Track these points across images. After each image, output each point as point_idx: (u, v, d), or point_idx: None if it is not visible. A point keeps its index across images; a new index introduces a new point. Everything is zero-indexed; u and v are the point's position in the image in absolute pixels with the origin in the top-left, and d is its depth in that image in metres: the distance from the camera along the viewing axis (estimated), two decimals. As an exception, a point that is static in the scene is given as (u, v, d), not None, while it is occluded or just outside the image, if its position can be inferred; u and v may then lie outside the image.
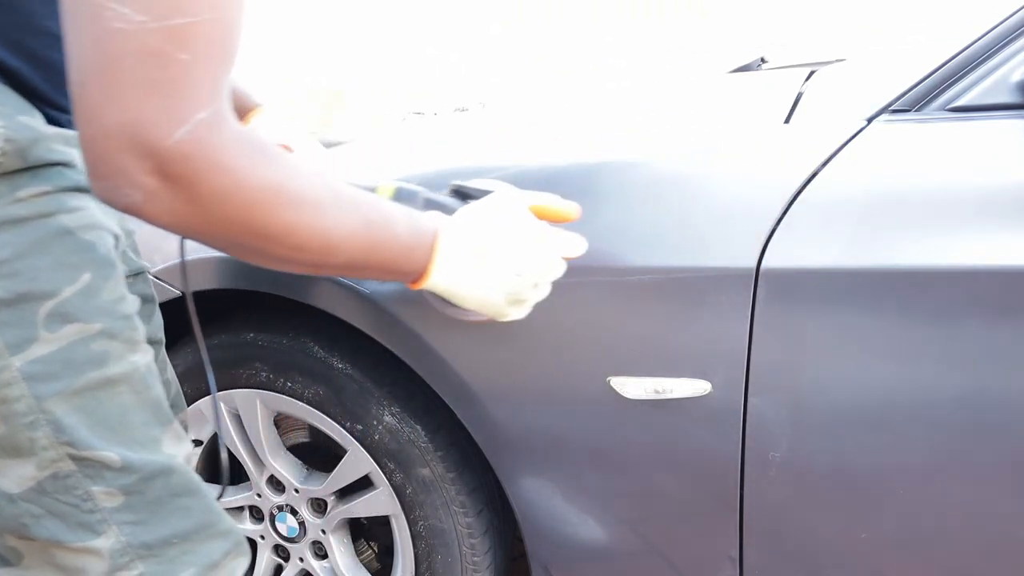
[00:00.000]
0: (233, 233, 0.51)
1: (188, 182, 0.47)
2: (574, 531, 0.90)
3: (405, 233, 0.60)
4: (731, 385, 0.77)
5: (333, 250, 0.55)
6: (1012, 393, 0.71)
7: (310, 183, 0.53)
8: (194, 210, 0.48)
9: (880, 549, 0.78)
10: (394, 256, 0.60)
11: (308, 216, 0.53)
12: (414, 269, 0.62)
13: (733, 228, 0.77)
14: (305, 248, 0.54)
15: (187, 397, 1.07)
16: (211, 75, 0.47)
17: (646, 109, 1.06)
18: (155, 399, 0.63)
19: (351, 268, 0.60)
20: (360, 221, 0.57)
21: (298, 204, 0.52)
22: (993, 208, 0.71)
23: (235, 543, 0.67)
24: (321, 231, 0.54)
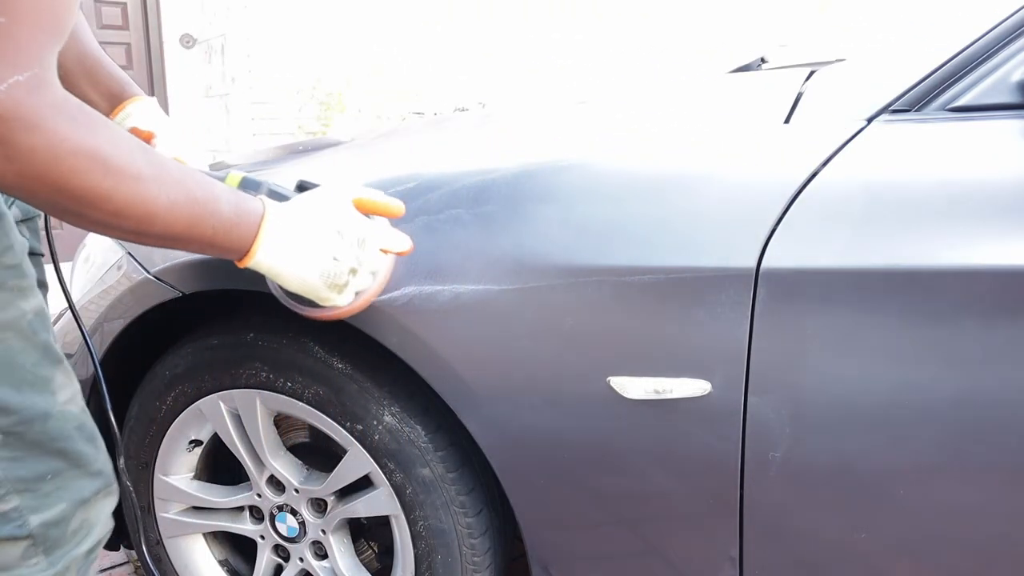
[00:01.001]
0: (49, 192, 0.53)
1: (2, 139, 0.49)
2: (574, 531, 0.90)
3: (228, 211, 0.65)
4: (731, 385, 0.77)
5: (151, 219, 0.58)
6: (1012, 393, 0.71)
7: (131, 154, 0.56)
8: (9, 167, 0.50)
9: (880, 549, 0.78)
10: (215, 231, 0.64)
11: (127, 184, 0.55)
12: (237, 247, 0.68)
13: (733, 228, 0.77)
14: (123, 215, 0.56)
15: (187, 397, 1.08)
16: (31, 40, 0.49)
17: (646, 109, 1.06)
18: (44, 342, 0.67)
19: (173, 239, 0.63)
20: (182, 195, 0.60)
21: (117, 171, 0.55)
22: (993, 208, 0.71)
23: (105, 483, 0.75)
24: (140, 200, 0.57)
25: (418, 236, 0.88)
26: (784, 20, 6.17)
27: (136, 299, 1.05)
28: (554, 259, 0.81)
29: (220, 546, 1.25)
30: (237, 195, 0.67)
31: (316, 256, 0.72)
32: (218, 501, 1.15)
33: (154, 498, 1.17)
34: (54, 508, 0.69)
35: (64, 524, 0.70)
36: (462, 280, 0.85)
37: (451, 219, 0.87)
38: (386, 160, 1.00)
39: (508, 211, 0.85)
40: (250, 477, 1.11)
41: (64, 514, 0.70)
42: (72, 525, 0.71)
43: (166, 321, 1.16)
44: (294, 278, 0.72)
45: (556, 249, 0.82)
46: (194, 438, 1.13)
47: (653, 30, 6.08)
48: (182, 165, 0.62)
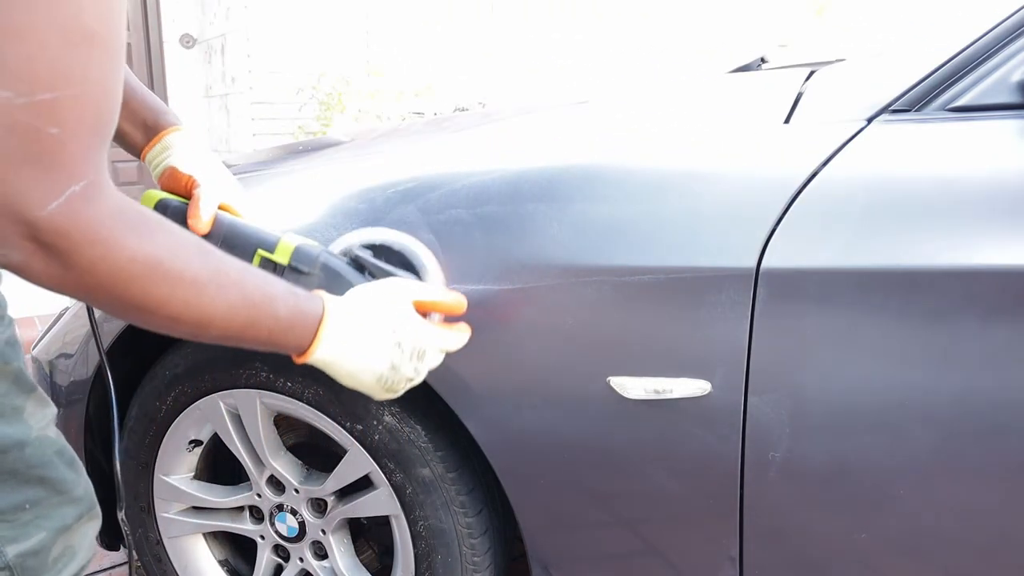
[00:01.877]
0: (108, 301, 0.53)
1: (62, 252, 0.48)
2: (574, 531, 0.90)
3: (286, 314, 0.64)
4: (731, 385, 0.77)
5: (208, 323, 0.58)
6: (1012, 393, 0.71)
7: (189, 259, 0.56)
8: (70, 277, 0.50)
9: (880, 549, 0.78)
10: (272, 334, 0.64)
11: (183, 292, 0.55)
12: (295, 347, 0.67)
13: (733, 228, 0.77)
14: (180, 320, 0.56)
15: (187, 397, 1.08)
16: (83, 147, 0.48)
17: (646, 109, 1.06)
18: (16, 371, 0.66)
19: (229, 339, 0.62)
20: (239, 298, 0.60)
21: (174, 280, 0.54)
22: (993, 208, 0.71)
23: (87, 507, 0.73)
24: (196, 307, 0.57)
25: (418, 236, 0.88)
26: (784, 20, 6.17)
27: (136, 299, 1.05)
28: (554, 259, 0.81)
29: (220, 546, 1.25)
30: (295, 296, 0.66)
31: (375, 365, 0.72)
32: (218, 501, 1.15)
33: (154, 498, 1.17)
34: (33, 538, 0.67)
35: (44, 553, 0.68)
36: (462, 280, 0.85)
37: (451, 219, 0.87)
38: (386, 160, 1.00)
39: (508, 211, 0.85)
40: (250, 477, 1.11)
41: (44, 543, 0.68)
42: (53, 553, 0.69)
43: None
44: (349, 380, 0.72)
45: (556, 249, 0.82)
46: (194, 438, 1.13)
47: (653, 30, 6.08)
48: (240, 265, 0.62)
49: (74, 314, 1.17)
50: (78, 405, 1.15)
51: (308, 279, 0.78)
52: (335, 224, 0.92)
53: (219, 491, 1.16)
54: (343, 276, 0.78)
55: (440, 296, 0.78)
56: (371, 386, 0.73)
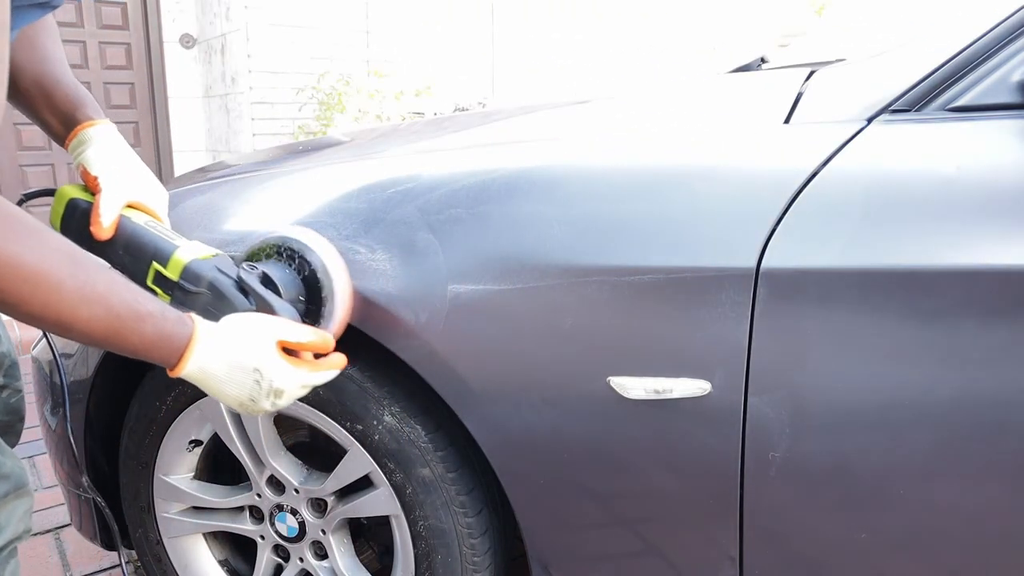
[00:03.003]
0: None
1: None
2: (574, 531, 0.90)
3: (152, 333, 0.67)
4: (731, 385, 0.77)
5: (68, 327, 0.60)
6: (1012, 393, 0.71)
7: (53, 265, 0.58)
8: None
9: (880, 549, 0.78)
10: (137, 349, 0.67)
11: (43, 295, 0.57)
12: (163, 360, 0.70)
13: (733, 228, 0.77)
14: (40, 319, 0.59)
15: (187, 397, 1.08)
16: None
17: (646, 109, 1.06)
18: None
19: (93, 344, 0.65)
20: (103, 311, 0.62)
21: (35, 283, 0.56)
22: (993, 208, 0.71)
23: (15, 486, 0.75)
24: (55, 311, 0.59)
25: (418, 236, 0.88)
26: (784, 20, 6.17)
27: (136, 299, 1.05)
28: (554, 259, 0.81)
29: (220, 546, 1.25)
30: (165, 319, 0.68)
31: (235, 392, 0.75)
32: (218, 501, 1.15)
33: (154, 498, 1.17)
34: None
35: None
36: (462, 280, 0.85)
37: (451, 219, 0.87)
38: (386, 160, 1.00)
39: (508, 211, 0.85)
40: (250, 477, 1.11)
41: None
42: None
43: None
44: (217, 396, 0.76)
45: (556, 249, 0.82)
46: (194, 438, 1.13)
47: (653, 30, 6.08)
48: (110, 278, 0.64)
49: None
50: (78, 405, 1.15)
51: (195, 297, 0.81)
52: (335, 224, 0.92)
53: (219, 491, 1.16)
54: (227, 299, 0.81)
55: (306, 338, 0.80)
56: (234, 406, 0.77)
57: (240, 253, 0.90)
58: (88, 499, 1.22)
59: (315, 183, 1.00)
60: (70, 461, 1.21)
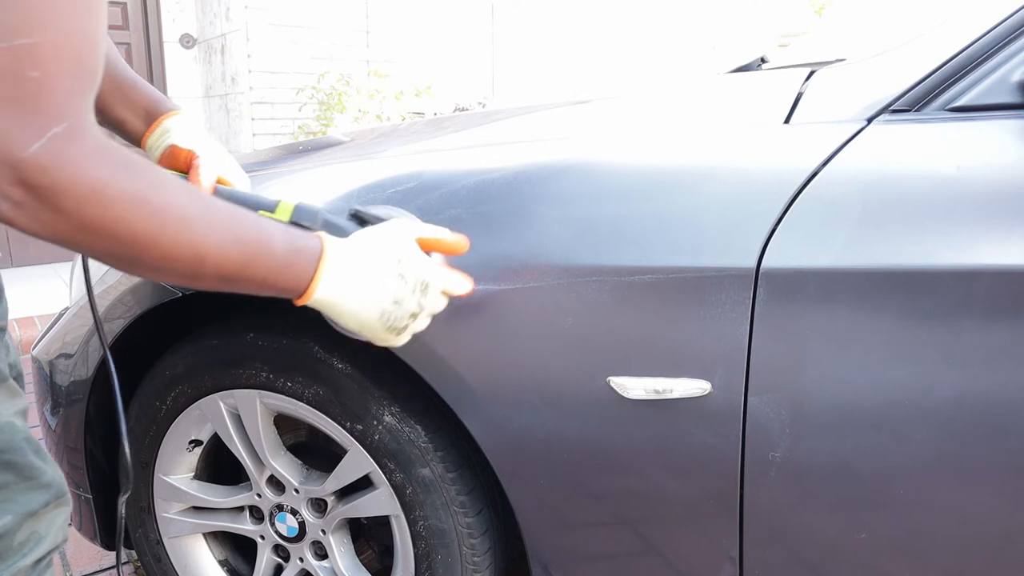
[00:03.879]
0: (100, 242, 0.53)
1: (49, 192, 0.49)
2: (574, 531, 0.90)
3: (282, 251, 0.64)
4: (731, 385, 0.77)
5: (201, 261, 0.58)
6: (1012, 393, 0.71)
7: (177, 197, 0.56)
8: (59, 219, 0.50)
9: (880, 549, 0.78)
10: (270, 272, 0.63)
11: (174, 227, 0.55)
12: (294, 287, 0.66)
13: (733, 228, 0.77)
14: (172, 258, 0.56)
15: (187, 397, 1.08)
16: (64, 91, 0.49)
17: (646, 108, 1.06)
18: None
19: (226, 280, 0.61)
20: (230, 235, 0.59)
21: (162, 215, 0.55)
22: (993, 208, 0.71)
23: (56, 495, 0.74)
24: (187, 242, 0.56)
25: (418, 236, 0.88)
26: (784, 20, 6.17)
27: (136, 299, 1.05)
28: (554, 259, 0.81)
29: (220, 546, 1.25)
30: (291, 233, 0.65)
31: (377, 300, 0.70)
32: (218, 501, 1.15)
33: (154, 498, 1.17)
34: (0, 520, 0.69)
35: (9, 536, 0.70)
36: (462, 280, 0.84)
37: (451, 219, 0.87)
38: (386, 160, 1.00)
39: (508, 211, 0.85)
40: (250, 477, 1.11)
41: (9, 527, 0.70)
42: (19, 537, 0.71)
43: (167, 323, 1.16)
44: (352, 320, 0.71)
45: (556, 249, 0.82)
46: (194, 438, 1.13)
47: (653, 30, 6.08)
48: (231, 205, 0.61)
49: (74, 314, 1.17)
50: (78, 405, 1.15)
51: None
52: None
53: (219, 491, 1.16)
54: (345, 230, 0.77)
55: (443, 234, 0.77)
56: (374, 324, 0.71)
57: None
58: (88, 499, 1.23)
59: (315, 183, 1.00)
60: (71, 461, 1.21)
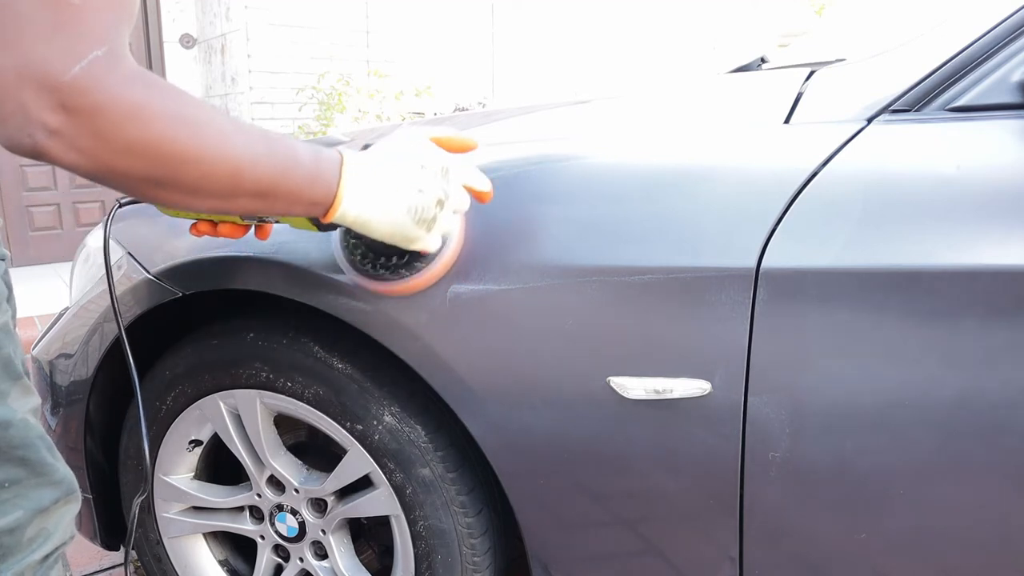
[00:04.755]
0: (139, 163, 0.54)
1: (90, 114, 0.50)
2: (574, 531, 0.90)
3: (309, 161, 0.65)
4: (731, 385, 0.77)
5: (240, 175, 0.59)
6: (1012, 393, 0.71)
7: (212, 114, 0.58)
8: (99, 143, 0.51)
9: (880, 549, 0.78)
10: (300, 182, 0.64)
11: (213, 141, 0.57)
12: (323, 195, 0.67)
13: (733, 228, 0.77)
14: (212, 175, 0.57)
15: (187, 397, 1.08)
16: (103, 18, 0.51)
17: (646, 108, 1.06)
18: (5, 357, 0.69)
19: (261, 196, 0.62)
20: (263, 148, 0.61)
21: (201, 130, 0.56)
22: (993, 208, 0.71)
23: (66, 492, 0.75)
24: (226, 156, 0.57)
25: (418, 236, 0.88)
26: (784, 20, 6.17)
27: (136, 299, 1.05)
28: (554, 259, 0.81)
29: (220, 546, 1.25)
30: (314, 147, 0.67)
31: (401, 190, 0.71)
32: (218, 501, 1.15)
33: (154, 498, 1.17)
34: (9, 516, 0.70)
35: (19, 532, 0.71)
36: (462, 280, 0.85)
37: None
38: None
39: (508, 211, 0.85)
40: (250, 477, 1.11)
41: (19, 522, 0.71)
42: (28, 533, 0.72)
43: (166, 324, 1.16)
44: (382, 218, 0.71)
45: (556, 249, 0.82)
46: (194, 438, 1.13)
47: (653, 30, 6.08)
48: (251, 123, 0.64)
49: (74, 314, 1.17)
50: (78, 405, 1.15)
51: None
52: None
53: (219, 491, 1.16)
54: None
55: (454, 133, 0.78)
56: (403, 220, 0.71)
57: None
58: (88, 499, 1.23)
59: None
60: (71, 461, 1.21)
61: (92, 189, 4.64)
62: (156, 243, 1.05)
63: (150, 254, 1.05)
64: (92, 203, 4.65)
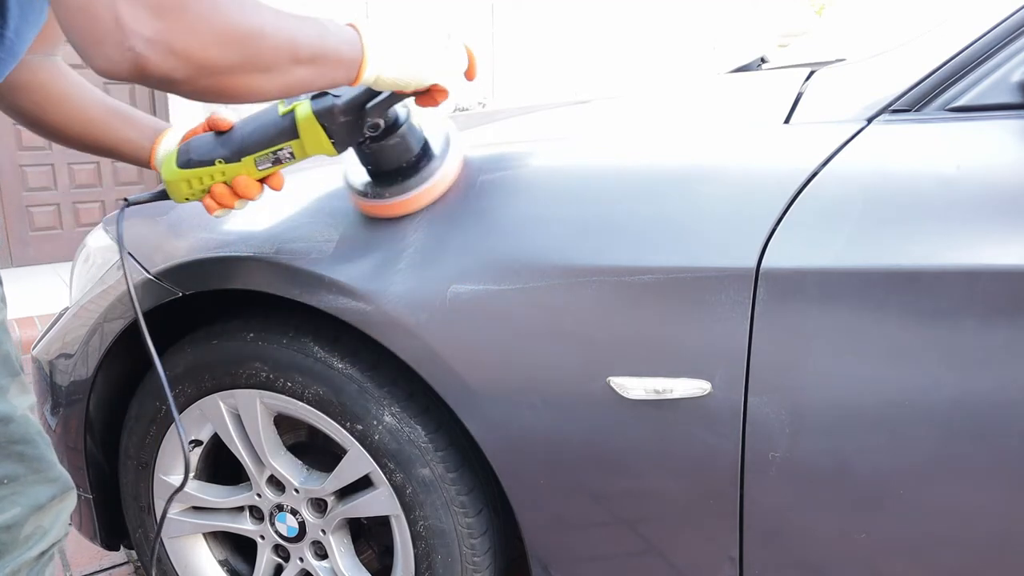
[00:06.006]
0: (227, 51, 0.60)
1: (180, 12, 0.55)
2: (574, 531, 0.90)
3: (332, 26, 0.71)
4: (731, 385, 0.77)
5: (296, 44, 0.65)
6: (1012, 393, 0.71)
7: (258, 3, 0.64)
8: (191, 40, 0.57)
9: (879, 549, 0.78)
10: (336, 43, 0.70)
11: (270, 17, 0.63)
12: (353, 53, 0.72)
13: (733, 228, 0.77)
14: (279, 47, 0.64)
15: (187, 397, 1.08)
16: None
17: (646, 108, 1.06)
18: (4, 353, 0.70)
19: (314, 61, 0.68)
20: (300, 21, 0.67)
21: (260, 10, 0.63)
22: (993, 208, 0.71)
23: (62, 489, 0.76)
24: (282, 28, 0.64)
25: (419, 236, 0.88)
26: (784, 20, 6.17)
27: (136, 299, 1.05)
28: (554, 259, 0.81)
29: (220, 546, 1.25)
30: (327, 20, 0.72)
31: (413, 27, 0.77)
32: (218, 501, 1.15)
33: (154, 498, 1.17)
34: (7, 512, 0.70)
35: (16, 529, 0.71)
36: (462, 280, 0.85)
37: (451, 219, 0.87)
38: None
39: (508, 210, 0.85)
40: (250, 477, 1.11)
41: (17, 519, 0.71)
42: (25, 530, 0.72)
43: (165, 323, 1.16)
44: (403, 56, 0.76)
45: (556, 249, 0.82)
46: (194, 438, 1.13)
47: (653, 30, 6.08)
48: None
49: (74, 314, 1.17)
50: (78, 405, 1.15)
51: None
52: (335, 224, 0.92)
53: (219, 491, 1.16)
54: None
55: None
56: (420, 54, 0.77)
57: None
58: (88, 499, 1.23)
59: (314, 183, 1.00)
60: (71, 461, 1.21)
61: (92, 189, 4.63)
62: (156, 243, 1.05)
63: (150, 254, 1.05)
64: (92, 203, 4.65)
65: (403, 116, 0.86)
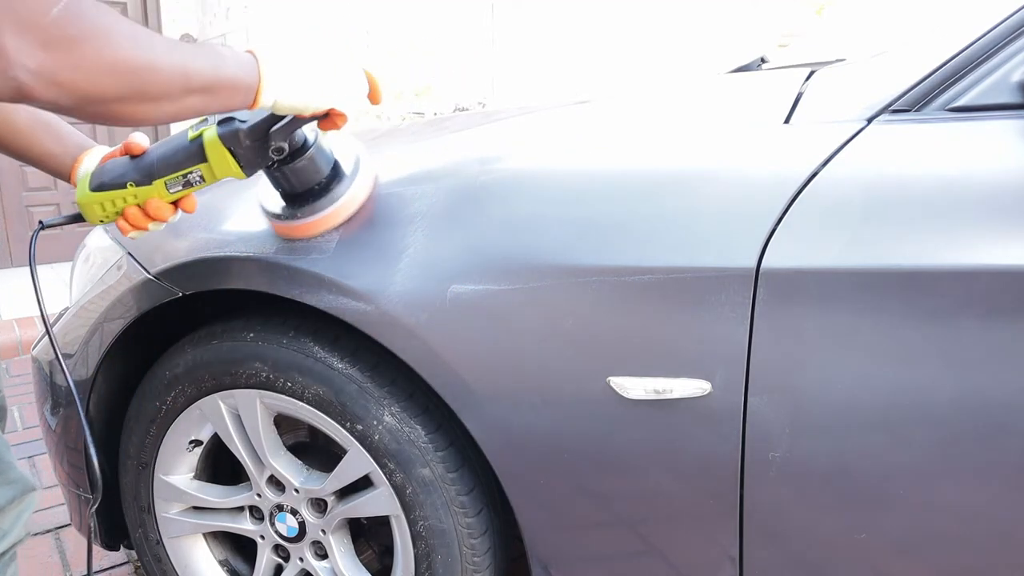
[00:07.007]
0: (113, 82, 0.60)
1: (69, 46, 0.56)
2: (574, 531, 0.90)
3: (229, 55, 0.72)
4: (731, 385, 0.77)
5: (188, 75, 0.66)
6: (1012, 393, 0.71)
7: (151, 33, 0.65)
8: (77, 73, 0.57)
9: (880, 549, 0.78)
10: (232, 72, 0.71)
11: (161, 49, 0.64)
12: (249, 79, 0.73)
13: (733, 228, 0.77)
14: (170, 79, 0.65)
15: (187, 397, 1.08)
16: None
17: (646, 109, 1.06)
18: None
19: (208, 90, 0.69)
20: (194, 51, 0.68)
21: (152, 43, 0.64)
22: (993, 208, 0.71)
23: (22, 491, 0.77)
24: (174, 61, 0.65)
25: (418, 236, 0.88)
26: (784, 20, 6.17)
27: (136, 299, 1.05)
28: (554, 259, 0.81)
29: (220, 546, 1.25)
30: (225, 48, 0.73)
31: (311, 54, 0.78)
32: (218, 501, 1.15)
33: (154, 498, 1.17)
34: None
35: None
36: (462, 280, 0.85)
37: (451, 219, 0.87)
38: (386, 160, 1.00)
39: (508, 211, 0.85)
40: (250, 477, 1.11)
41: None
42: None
43: (165, 323, 1.16)
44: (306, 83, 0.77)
45: (556, 249, 0.82)
46: (194, 438, 1.13)
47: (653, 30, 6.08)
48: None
49: (74, 314, 1.17)
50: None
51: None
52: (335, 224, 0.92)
53: (219, 491, 1.16)
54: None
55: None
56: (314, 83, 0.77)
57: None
58: (88, 499, 1.22)
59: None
60: (71, 461, 1.21)
61: (92, 189, 4.63)
62: (156, 243, 1.05)
63: (150, 254, 1.05)
64: (92, 203, 4.65)
65: (311, 139, 0.87)
